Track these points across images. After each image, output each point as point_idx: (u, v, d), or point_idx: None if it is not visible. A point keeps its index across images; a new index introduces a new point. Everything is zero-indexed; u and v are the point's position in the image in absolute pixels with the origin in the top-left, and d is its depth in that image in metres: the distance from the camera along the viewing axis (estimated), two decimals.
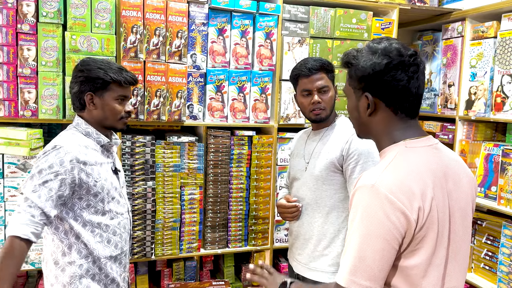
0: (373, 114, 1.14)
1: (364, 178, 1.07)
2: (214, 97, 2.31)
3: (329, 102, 1.78)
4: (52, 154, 1.46)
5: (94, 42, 2.00)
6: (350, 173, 1.70)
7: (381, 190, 1.01)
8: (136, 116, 2.13)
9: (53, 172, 1.44)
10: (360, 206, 1.03)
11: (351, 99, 1.19)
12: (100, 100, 1.57)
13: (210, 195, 2.35)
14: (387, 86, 1.09)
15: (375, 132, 1.17)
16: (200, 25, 2.23)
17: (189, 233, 2.32)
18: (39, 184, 1.42)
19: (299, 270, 1.84)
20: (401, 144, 1.12)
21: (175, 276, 2.41)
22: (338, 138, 1.76)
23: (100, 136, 1.60)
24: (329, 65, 1.80)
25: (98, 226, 1.56)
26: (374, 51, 1.11)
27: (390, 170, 1.05)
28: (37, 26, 1.93)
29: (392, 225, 0.99)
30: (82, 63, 1.60)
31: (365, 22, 2.51)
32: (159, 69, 2.13)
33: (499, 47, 2.36)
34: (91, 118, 1.60)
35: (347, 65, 1.17)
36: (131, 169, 2.17)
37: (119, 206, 1.63)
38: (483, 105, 2.47)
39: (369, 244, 1.00)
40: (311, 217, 1.80)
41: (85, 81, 1.55)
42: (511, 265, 2.23)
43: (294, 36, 2.39)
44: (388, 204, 1.00)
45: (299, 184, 1.86)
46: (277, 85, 2.40)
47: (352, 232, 1.04)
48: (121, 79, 1.57)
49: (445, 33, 2.76)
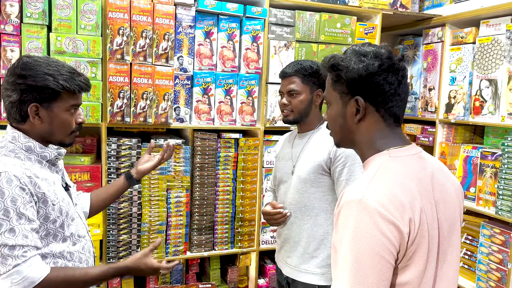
0: (361, 120, 1.08)
1: (349, 193, 0.99)
2: (201, 99, 2.31)
3: (297, 105, 1.80)
4: (5, 185, 1.18)
5: (80, 44, 1.97)
6: (338, 175, 1.73)
7: (370, 203, 0.94)
8: (122, 118, 2.11)
9: (20, 204, 1.19)
10: (349, 223, 0.95)
11: (335, 105, 1.12)
12: (48, 113, 1.27)
13: (196, 197, 2.35)
14: (379, 89, 1.04)
15: (359, 141, 1.11)
16: (187, 27, 2.23)
17: (176, 236, 2.32)
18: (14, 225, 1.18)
19: (289, 273, 1.85)
20: (384, 153, 1.06)
21: (161, 280, 2.40)
22: (325, 141, 1.79)
23: (45, 151, 1.31)
24: (307, 70, 1.79)
25: (61, 256, 1.31)
26: (364, 53, 1.06)
27: (376, 182, 0.99)
28: (21, 27, 1.90)
29: (387, 240, 0.93)
30: (23, 66, 1.25)
31: (349, 27, 2.55)
32: (145, 72, 2.12)
33: (478, 52, 2.44)
34: (33, 132, 1.29)
35: (333, 68, 1.09)
36: (117, 172, 2.15)
37: (79, 227, 1.39)
38: (462, 109, 2.54)
39: (365, 263, 0.92)
40: (300, 220, 1.81)
41: (28, 90, 1.23)
42: (489, 264, 2.31)
43: (280, 40, 2.42)
44: (379, 218, 0.93)
45: (286, 187, 1.88)
46: (263, 88, 2.42)
47: (343, 252, 0.95)
48: (74, 88, 1.27)
49: (426, 38, 2.83)
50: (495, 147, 2.46)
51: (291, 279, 1.84)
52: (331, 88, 1.12)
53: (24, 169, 1.23)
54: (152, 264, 1.42)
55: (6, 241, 1.16)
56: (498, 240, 2.27)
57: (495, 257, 2.28)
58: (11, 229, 1.17)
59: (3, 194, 1.18)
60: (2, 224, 1.17)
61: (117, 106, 2.09)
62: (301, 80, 1.80)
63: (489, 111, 2.37)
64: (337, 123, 1.13)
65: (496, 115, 2.33)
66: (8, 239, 1.17)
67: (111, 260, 2.18)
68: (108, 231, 2.16)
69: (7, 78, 1.28)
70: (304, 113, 1.83)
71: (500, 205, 2.25)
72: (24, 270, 1.17)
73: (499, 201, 2.26)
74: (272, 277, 2.57)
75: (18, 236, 1.18)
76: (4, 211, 1.17)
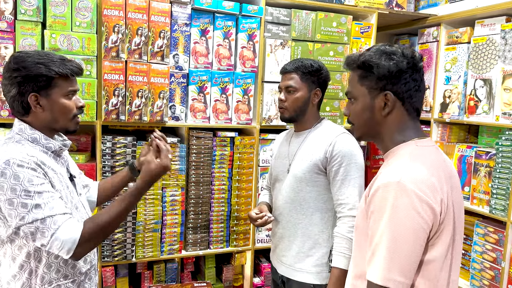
0: (389, 113, 1.17)
1: (386, 176, 1.08)
2: (196, 98, 2.30)
3: (292, 102, 1.80)
4: (17, 169, 1.24)
5: (75, 41, 1.96)
6: (333, 175, 1.73)
7: (408, 185, 1.03)
8: (117, 116, 2.10)
9: (37, 183, 1.25)
10: (387, 204, 1.04)
11: (361, 100, 1.20)
12: (47, 100, 1.33)
13: (192, 196, 2.34)
14: (406, 85, 1.15)
15: (384, 133, 1.20)
16: (183, 25, 2.22)
17: (171, 234, 2.31)
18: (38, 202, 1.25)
19: (284, 272, 1.85)
20: (411, 143, 1.16)
21: (156, 278, 2.39)
22: (322, 140, 1.78)
23: (49, 142, 1.37)
24: (308, 68, 1.79)
25: None
26: (392, 52, 1.16)
27: (410, 166, 1.08)
28: (15, 23, 1.88)
29: (422, 220, 1.03)
30: (15, 60, 1.32)
31: (345, 26, 2.55)
32: (141, 69, 2.11)
33: (473, 52, 2.45)
34: (38, 122, 1.36)
35: (364, 64, 1.18)
36: (112, 170, 2.14)
37: (83, 216, 1.43)
38: (457, 108, 2.56)
39: (402, 240, 1.02)
40: (295, 219, 1.81)
41: (25, 81, 1.30)
42: (483, 262, 2.32)
43: (276, 39, 2.41)
44: (416, 199, 1.02)
45: (282, 185, 1.87)
46: (259, 86, 2.42)
47: (381, 229, 1.04)
48: (67, 72, 1.34)
49: (421, 38, 2.84)
50: (489, 147, 2.47)
51: (286, 278, 1.84)
52: (358, 84, 1.21)
53: (30, 156, 1.29)
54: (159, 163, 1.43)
55: (36, 216, 1.24)
56: (492, 239, 2.28)
57: (489, 255, 2.30)
58: (37, 205, 1.25)
59: (18, 177, 1.24)
60: (27, 204, 1.24)
61: (112, 104, 2.08)
62: (300, 77, 1.80)
63: (484, 111, 2.38)
64: (363, 117, 1.21)
65: (491, 115, 2.34)
66: (37, 214, 1.24)
67: (106, 258, 2.17)
68: None
69: (4, 75, 1.34)
70: (300, 111, 1.82)
71: (494, 204, 2.27)
72: (60, 236, 1.25)
73: (493, 200, 2.27)
74: (267, 275, 2.57)
75: (45, 209, 1.25)
76: (25, 191, 1.24)
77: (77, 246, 1.27)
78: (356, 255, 1.22)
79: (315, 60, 1.84)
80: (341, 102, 2.61)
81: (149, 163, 1.43)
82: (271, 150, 2.49)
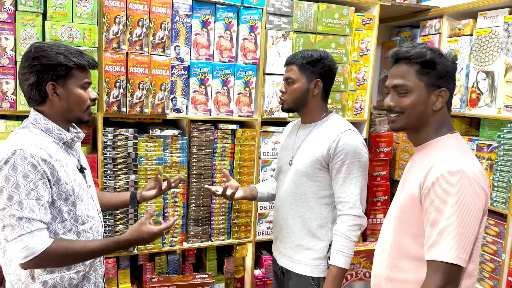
0: (440, 108, 1.29)
1: (446, 165, 1.19)
2: (197, 90, 2.29)
3: (291, 94, 1.78)
4: (19, 161, 1.26)
5: (76, 32, 1.95)
6: (336, 172, 1.72)
7: (469, 173, 1.17)
8: (119, 108, 2.09)
9: (30, 180, 1.27)
10: (452, 191, 1.16)
11: (418, 94, 1.28)
12: (64, 90, 1.37)
13: (193, 188, 2.34)
14: (454, 84, 1.31)
15: (430, 125, 1.31)
16: (184, 16, 2.21)
17: (172, 226, 2.31)
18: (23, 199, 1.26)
19: (283, 263, 1.86)
20: (451, 136, 1.30)
21: (158, 270, 2.40)
22: (326, 135, 1.75)
23: (62, 132, 1.40)
24: (306, 58, 1.76)
25: (69, 232, 1.39)
26: (443, 54, 1.29)
27: (463, 156, 1.22)
28: (16, 14, 1.87)
29: (481, 203, 1.18)
30: (36, 49, 1.36)
31: (347, 18, 2.54)
32: (142, 61, 2.10)
33: (475, 44, 2.44)
34: (53, 112, 1.39)
35: (429, 62, 1.26)
36: (113, 163, 2.14)
37: (89, 208, 1.46)
38: (459, 101, 2.55)
39: (467, 223, 1.16)
40: (295, 211, 1.80)
41: (44, 70, 1.34)
42: (483, 255, 2.33)
43: (278, 30, 2.40)
44: (476, 185, 1.17)
45: (285, 177, 1.87)
46: (260, 78, 2.41)
47: (448, 214, 1.16)
48: (84, 63, 1.39)
49: (423, 30, 2.83)
50: (491, 139, 2.47)
51: (285, 269, 1.85)
52: (415, 78, 1.28)
53: (40, 148, 1.31)
54: (151, 230, 1.47)
55: (15, 212, 1.26)
56: (493, 231, 2.29)
57: (489, 248, 2.31)
58: (20, 202, 1.26)
59: (16, 169, 1.26)
60: (13, 197, 1.26)
61: (113, 96, 2.07)
62: (299, 68, 1.77)
63: (486, 103, 2.37)
64: (416, 110, 1.29)
65: (493, 107, 2.34)
66: (16, 211, 1.26)
67: None
68: (104, 222, 2.15)
69: (22, 64, 1.37)
70: (298, 102, 1.80)
71: (495, 196, 2.27)
72: (27, 240, 1.26)
73: (494, 193, 2.28)
74: (268, 267, 2.58)
75: (25, 210, 1.26)
76: (16, 185, 1.26)
77: (34, 258, 1.27)
78: (398, 238, 1.33)
79: (318, 50, 1.80)
80: (343, 95, 2.60)
81: (142, 225, 1.46)
82: (272, 142, 2.48)
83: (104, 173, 2.12)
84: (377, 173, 2.92)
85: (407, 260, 1.31)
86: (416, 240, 1.28)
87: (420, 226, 1.26)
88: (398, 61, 1.32)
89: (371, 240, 2.91)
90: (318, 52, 1.78)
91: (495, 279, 2.26)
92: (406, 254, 1.31)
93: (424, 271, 1.23)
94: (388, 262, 1.37)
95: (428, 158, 1.28)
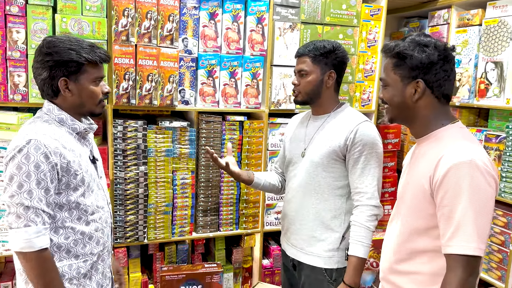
0: (419, 99, 1.29)
1: (455, 156, 1.19)
2: (205, 82, 2.31)
3: (305, 86, 1.77)
4: (32, 151, 1.28)
5: (85, 25, 1.97)
6: (353, 163, 1.71)
7: (479, 163, 1.17)
8: (128, 100, 2.12)
9: (41, 171, 1.29)
10: (464, 181, 1.17)
11: (394, 86, 1.32)
12: (76, 85, 1.39)
13: (201, 179, 2.37)
14: (437, 75, 1.27)
15: (418, 116, 1.32)
16: (192, 8, 2.22)
17: (181, 217, 2.35)
18: (33, 188, 1.28)
19: (295, 255, 1.85)
20: (452, 126, 1.30)
21: (167, 260, 2.44)
22: (342, 126, 1.74)
23: (75, 123, 1.43)
24: (319, 50, 1.74)
25: (78, 221, 1.41)
26: (425, 44, 1.27)
27: (470, 145, 1.22)
28: (26, 8, 1.89)
29: (493, 191, 1.19)
30: (48, 44, 1.37)
31: (355, 8, 2.53)
32: (150, 53, 2.12)
33: (484, 34, 2.42)
34: (66, 105, 1.42)
35: (398, 55, 1.29)
36: (123, 154, 2.17)
37: (99, 199, 1.48)
38: (467, 91, 2.54)
39: (483, 212, 1.16)
40: (309, 203, 1.79)
41: (56, 66, 1.35)
42: (491, 245, 2.33)
43: (286, 21, 2.40)
44: (486, 174, 1.17)
45: (296, 169, 1.85)
46: (268, 70, 2.42)
47: (463, 206, 1.16)
48: (96, 59, 1.40)
49: (431, 20, 2.81)
50: (499, 130, 2.46)
51: (297, 261, 1.84)
52: (391, 72, 1.32)
53: (54, 139, 1.33)
54: None
55: (23, 200, 1.28)
56: (501, 222, 2.29)
57: (497, 238, 2.31)
58: (30, 191, 1.28)
59: (29, 158, 1.28)
60: (23, 185, 1.28)
61: (122, 88, 2.10)
62: (312, 60, 1.75)
63: (494, 94, 2.36)
64: (395, 101, 1.33)
65: (501, 98, 2.32)
66: (25, 199, 1.28)
67: (119, 240, 2.22)
68: (115, 212, 2.20)
69: (35, 59, 1.39)
70: (313, 94, 1.78)
71: (504, 187, 2.27)
72: (30, 232, 1.28)
73: (502, 184, 2.27)
74: (276, 257, 2.61)
75: (34, 199, 1.28)
76: (27, 174, 1.28)
77: (29, 253, 1.28)
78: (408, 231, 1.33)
79: (330, 41, 1.78)
80: (350, 86, 2.60)
81: None
82: (280, 134, 2.49)
83: (114, 164, 2.16)
84: (385, 164, 2.92)
85: (418, 252, 1.31)
86: (427, 232, 1.28)
87: (432, 219, 1.25)
88: (384, 54, 1.37)
89: (379, 231, 2.92)
90: (331, 43, 1.77)
91: (502, 269, 2.27)
92: (417, 247, 1.31)
93: (436, 262, 1.25)
94: (398, 255, 1.37)
95: (435, 149, 1.27)
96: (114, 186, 2.17)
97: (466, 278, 1.16)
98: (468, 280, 1.16)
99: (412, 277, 1.33)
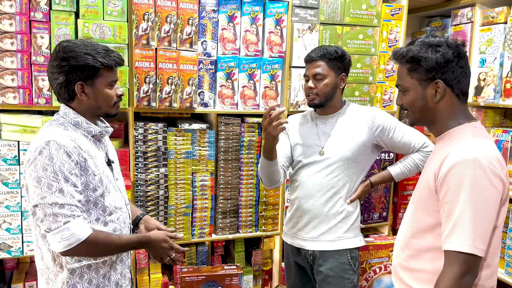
0: (440, 100, 1.29)
1: (458, 154, 1.19)
2: (224, 84, 2.32)
3: (322, 89, 1.87)
4: (53, 151, 1.31)
5: (107, 30, 2.01)
6: (391, 135, 1.90)
7: (482, 161, 1.16)
8: (148, 103, 2.15)
9: (67, 169, 1.32)
10: (466, 179, 1.16)
11: (414, 91, 1.32)
12: (92, 89, 1.41)
13: (221, 181, 2.38)
14: (454, 73, 1.27)
15: (437, 118, 1.32)
16: (211, 12, 2.24)
17: (201, 218, 2.36)
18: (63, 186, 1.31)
19: (315, 247, 1.93)
20: (467, 125, 1.30)
21: (187, 261, 2.46)
22: (359, 120, 1.90)
23: (90, 126, 1.45)
24: (333, 54, 1.87)
25: (97, 222, 1.42)
26: (437, 44, 1.27)
27: (480, 143, 1.21)
28: (50, 14, 1.95)
29: (497, 191, 1.17)
30: (64, 49, 1.38)
31: (375, 8, 2.50)
32: (170, 57, 2.14)
33: (509, 32, 2.35)
34: (82, 108, 1.44)
35: (413, 59, 1.29)
36: (144, 156, 2.20)
37: (116, 200, 1.49)
38: (493, 91, 2.47)
39: (483, 212, 1.15)
40: (330, 198, 1.91)
41: (72, 70, 1.37)
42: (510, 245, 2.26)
43: (304, 23, 2.39)
44: (490, 174, 1.16)
45: (312, 167, 1.93)
46: (287, 72, 2.41)
47: (462, 203, 1.16)
48: (111, 63, 1.41)
49: (454, 19, 2.74)
50: None
51: (319, 251, 1.91)
52: (408, 77, 1.33)
53: (70, 140, 1.36)
54: (169, 242, 1.55)
55: (57, 199, 1.30)
56: None
57: None
58: (61, 190, 1.30)
59: (53, 159, 1.31)
60: (52, 185, 1.30)
61: (143, 91, 2.13)
62: (327, 64, 1.88)
63: None
64: (416, 106, 1.33)
65: None
66: (58, 198, 1.30)
67: None
68: None
69: (51, 63, 1.41)
70: (329, 97, 1.90)
71: None
72: (73, 227, 1.31)
73: None
74: None
75: (67, 196, 1.31)
76: (54, 173, 1.30)
77: (79, 244, 1.31)
78: (416, 228, 1.35)
79: (337, 46, 1.93)
80: (371, 87, 2.57)
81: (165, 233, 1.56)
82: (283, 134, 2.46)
83: (135, 166, 2.19)
84: None
85: (425, 250, 1.32)
86: (433, 230, 1.29)
87: (437, 216, 1.26)
88: (396, 61, 1.38)
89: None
90: (339, 48, 1.91)
91: None
92: (424, 244, 1.32)
93: (439, 261, 1.24)
94: (406, 252, 1.38)
95: (444, 148, 1.28)
96: (135, 187, 2.20)
97: (460, 276, 1.16)
98: (462, 278, 1.16)
99: (416, 275, 1.34)
